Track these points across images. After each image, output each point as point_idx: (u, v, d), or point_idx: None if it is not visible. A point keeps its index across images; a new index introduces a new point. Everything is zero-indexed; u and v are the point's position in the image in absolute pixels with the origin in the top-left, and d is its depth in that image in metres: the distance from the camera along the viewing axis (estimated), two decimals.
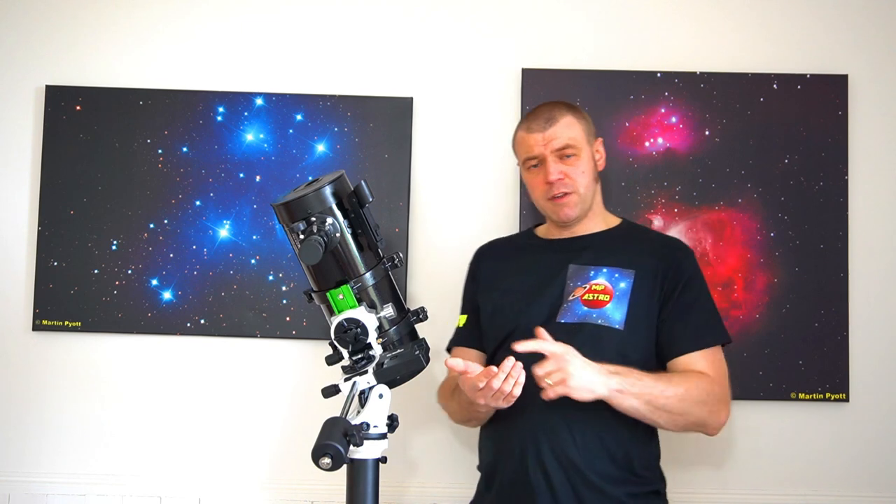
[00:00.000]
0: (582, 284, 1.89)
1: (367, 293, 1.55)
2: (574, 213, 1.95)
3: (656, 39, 2.47)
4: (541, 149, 1.92)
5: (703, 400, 1.79)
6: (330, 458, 1.34)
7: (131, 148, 2.46)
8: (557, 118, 1.93)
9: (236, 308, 2.43)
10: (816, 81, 2.41)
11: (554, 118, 1.93)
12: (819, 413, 2.38)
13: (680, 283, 1.88)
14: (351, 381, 1.51)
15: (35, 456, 2.45)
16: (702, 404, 1.79)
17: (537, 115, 1.96)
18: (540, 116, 1.95)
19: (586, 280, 1.89)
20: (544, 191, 1.94)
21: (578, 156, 1.92)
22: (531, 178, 1.98)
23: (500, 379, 1.62)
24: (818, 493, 2.37)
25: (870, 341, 2.38)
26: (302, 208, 1.50)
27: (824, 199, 2.39)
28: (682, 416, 1.77)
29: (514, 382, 1.63)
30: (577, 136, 1.93)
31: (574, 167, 1.92)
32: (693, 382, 1.79)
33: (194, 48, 2.51)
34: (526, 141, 1.96)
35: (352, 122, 2.45)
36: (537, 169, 1.95)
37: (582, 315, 1.85)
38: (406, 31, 2.50)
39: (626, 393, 1.71)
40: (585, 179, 1.93)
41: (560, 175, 1.91)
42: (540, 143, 1.92)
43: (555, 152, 1.91)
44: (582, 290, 1.88)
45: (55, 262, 2.44)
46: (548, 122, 1.93)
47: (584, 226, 1.99)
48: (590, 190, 1.95)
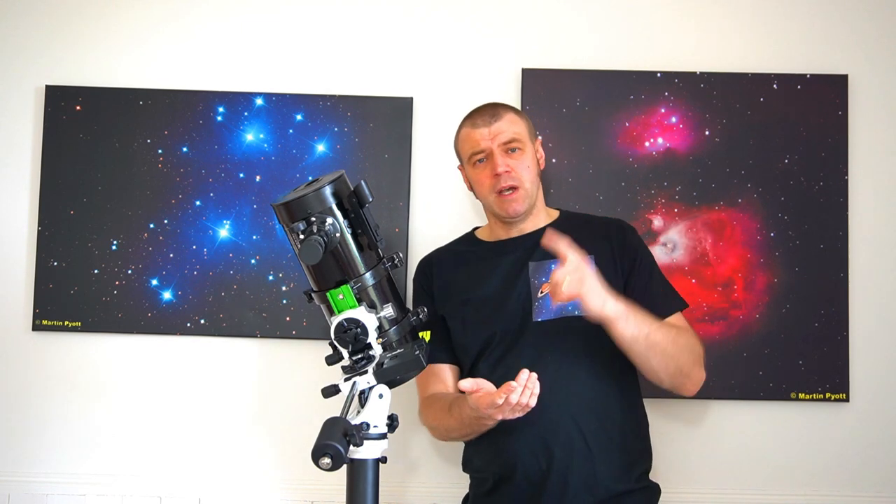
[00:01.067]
0: (546, 280, 1.90)
1: (367, 293, 1.55)
2: (521, 208, 1.97)
3: (656, 39, 2.47)
4: (487, 143, 1.96)
5: (691, 348, 1.86)
6: (330, 458, 1.33)
7: (131, 148, 2.46)
8: (501, 114, 1.99)
9: (236, 308, 2.43)
10: (816, 81, 2.41)
11: (498, 114, 1.98)
12: (819, 413, 2.38)
13: (636, 259, 1.96)
14: (351, 381, 1.51)
15: (35, 456, 2.45)
16: (689, 352, 1.85)
17: (481, 112, 2.01)
18: (484, 113, 2.00)
19: (549, 274, 1.87)
20: (491, 185, 1.96)
21: (523, 150, 1.97)
22: (477, 174, 2.00)
23: (517, 393, 1.61)
24: (818, 493, 2.37)
25: (870, 341, 2.38)
26: (302, 208, 1.50)
27: (824, 199, 2.39)
28: (672, 360, 1.81)
29: (531, 393, 1.63)
30: (521, 131, 1.99)
31: (519, 161, 1.96)
32: (683, 332, 1.88)
33: (194, 48, 2.51)
34: (471, 136, 1.99)
35: (352, 122, 2.45)
36: (483, 164, 1.98)
37: (557, 310, 1.89)
38: (406, 31, 2.50)
39: (628, 318, 1.75)
40: (530, 175, 1.97)
41: (507, 167, 1.94)
42: (486, 137, 1.96)
43: (501, 146, 1.96)
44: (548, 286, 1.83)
45: (55, 262, 2.44)
46: (493, 118, 1.98)
47: (531, 223, 2.02)
48: (534, 185, 1.99)
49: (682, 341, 1.85)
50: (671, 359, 1.82)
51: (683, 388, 1.90)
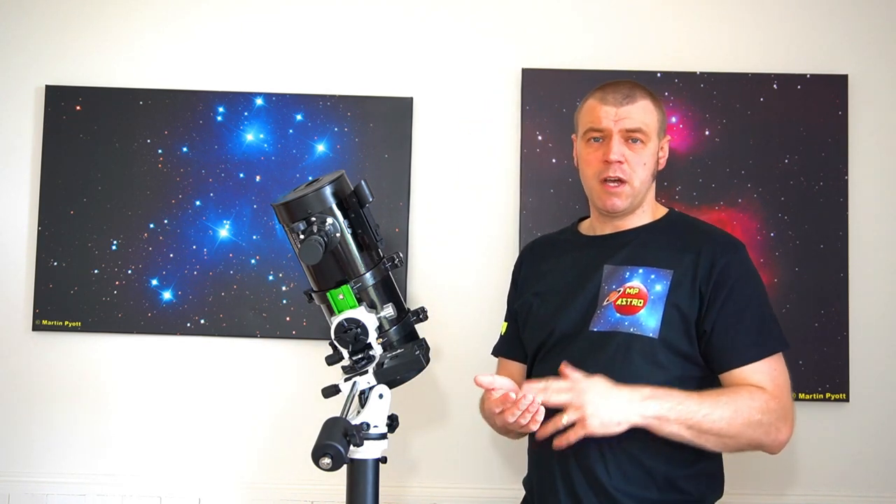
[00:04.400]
0: (616, 288, 1.73)
1: (367, 293, 1.54)
2: (622, 206, 1.77)
3: (656, 39, 2.47)
4: (609, 123, 1.75)
5: (758, 420, 1.60)
6: (330, 459, 1.33)
7: (131, 148, 2.46)
8: (637, 98, 1.76)
9: (236, 308, 2.43)
10: (816, 81, 2.41)
11: (634, 97, 1.76)
12: (819, 413, 2.38)
13: (725, 285, 1.68)
14: (351, 381, 1.51)
15: (35, 456, 2.45)
16: (756, 425, 1.60)
17: (617, 89, 1.78)
18: (619, 90, 1.77)
19: (621, 283, 1.74)
20: (598, 170, 1.76)
21: (645, 143, 1.75)
22: (588, 153, 1.79)
23: (514, 415, 1.56)
24: (818, 493, 2.37)
25: (870, 341, 2.38)
26: (302, 208, 1.50)
27: (824, 199, 2.39)
28: (732, 440, 1.61)
29: (531, 419, 1.55)
30: (651, 122, 1.76)
31: (638, 154, 1.75)
32: (745, 401, 1.61)
33: (194, 48, 2.51)
34: (595, 111, 1.77)
35: (352, 122, 2.45)
36: (598, 144, 1.77)
37: (614, 323, 1.70)
38: (406, 31, 2.50)
39: (666, 419, 1.56)
40: (644, 173, 1.76)
41: (621, 157, 1.73)
42: (611, 116, 1.75)
43: (623, 132, 1.74)
44: (616, 295, 1.73)
45: (55, 262, 2.44)
46: (626, 99, 1.75)
47: (629, 221, 1.81)
48: (645, 185, 1.78)
49: (745, 416, 1.59)
50: (730, 439, 1.60)
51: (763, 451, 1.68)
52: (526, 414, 1.55)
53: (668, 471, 1.67)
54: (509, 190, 2.45)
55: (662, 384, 1.65)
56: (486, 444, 2.41)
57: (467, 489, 2.09)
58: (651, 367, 1.66)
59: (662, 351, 1.67)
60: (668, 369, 1.67)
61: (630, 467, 1.66)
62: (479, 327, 2.35)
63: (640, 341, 1.67)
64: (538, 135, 2.41)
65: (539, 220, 2.40)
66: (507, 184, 2.45)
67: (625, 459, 1.66)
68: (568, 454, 1.67)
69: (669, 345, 1.67)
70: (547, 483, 1.74)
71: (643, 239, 1.79)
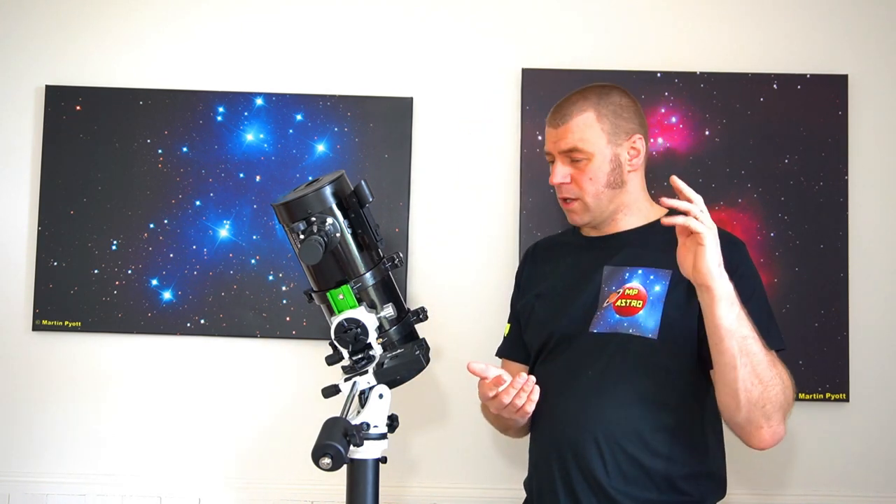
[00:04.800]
0: (616, 289, 1.73)
1: (367, 293, 1.54)
2: (582, 221, 1.80)
3: (656, 39, 2.47)
4: (552, 146, 1.78)
5: (784, 387, 1.56)
6: (330, 459, 1.33)
7: (131, 148, 2.46)
8: (573, 115, 1.74)
9: (236, 308, 2.43)
10: (816, 81, 2.41)
11: (569, 115, 1.74)
12: (819, 413, 2.38)
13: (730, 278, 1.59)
14: (351, 381, 1.51)
15: (35, 456, 2.45)
16: (781, 389, 1.56)
17: (558, 109, 1.78)
18: (559, 111, 1.78)
19: (620, 284, 1.73)
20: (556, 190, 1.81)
21: (589, 160, 1.73)
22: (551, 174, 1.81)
23: (510, 395, 1.55)
24: (818, 493, 2.37)
25: (870, 341, 2.38)
26: (302, 208, 1.50)
27: (824, 199, 2.39)
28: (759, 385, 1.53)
29: (527, 399, 1.55)
30: (590, 138, 1.73)
31: (583, 172, 1.74)
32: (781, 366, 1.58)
33: (194, 48, 2.51)
34: (545, 133, 1.81)
35: (352, 122, 2.45)
36: (553, 165, 1.79)
37: (613, 324, 1.70)
38: (406, 31, 2.50)
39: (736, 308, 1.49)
40: (594, 186, 1.74)
41: (564, 178, 1.76)
42: (553, 139, 1.78)
43: (561, 154, 1.76)
44: (616, 296, 1.72)
45: (55, 262, 2.44)
46: (562, 118, 1.75)
47: (622, 222, 1.80)
48: (601, 197, 1.75)
49: (779, 371, 1.56)
50: (760, 382, 1.53)
51: (757, 433, 1.60)
52: (521, 393, 1.55)
53: (667, 471, 1.66)
54: (509, 190, 2.45)
55: (662, 385, 1.66)
56: (486, 444, 2.41)
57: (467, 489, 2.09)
58: (650, 369, 1.67)
59: (662, 351, 1.67)
60: (667, 370, 1.68)
61: (629, 468, 1.65)
62: (479, 327, 2.35)
63: (638, 342, 1.67)
64: (538, 135, 2.41)
65: (539, 220, 2.40)
66: (507, 184, 2.45)
67: (624, 460, 1.65)
68: (567, 455, 1.68)
69: (669, 345, 1.67)
70: (546, 483, 1.74)
71: (643, 239, 1.78)
